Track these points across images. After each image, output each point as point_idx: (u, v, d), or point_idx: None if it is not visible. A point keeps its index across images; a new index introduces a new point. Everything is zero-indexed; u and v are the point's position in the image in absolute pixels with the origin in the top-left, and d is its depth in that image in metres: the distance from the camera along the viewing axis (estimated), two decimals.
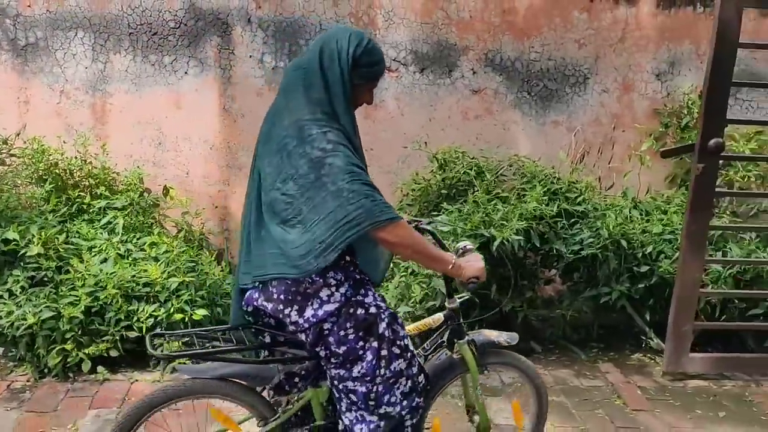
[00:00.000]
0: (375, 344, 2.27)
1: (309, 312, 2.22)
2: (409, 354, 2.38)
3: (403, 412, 2.38)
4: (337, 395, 2.37)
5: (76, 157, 4.30)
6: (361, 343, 2.26)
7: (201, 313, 3.86)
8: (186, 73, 4.42)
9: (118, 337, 3.75)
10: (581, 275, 4.23)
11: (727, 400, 3.88)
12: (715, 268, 4.14)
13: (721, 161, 4.37)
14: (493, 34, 4.51)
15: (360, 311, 2.26)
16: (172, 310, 3.81)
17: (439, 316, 2.62)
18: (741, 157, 4.58)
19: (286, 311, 2.23)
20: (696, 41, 4.61)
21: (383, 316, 2.30)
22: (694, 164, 3.80)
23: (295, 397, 2.45)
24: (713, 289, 4.09)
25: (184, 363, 2.55)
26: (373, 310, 2.29)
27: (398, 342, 2.34)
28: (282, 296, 2.22)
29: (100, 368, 3.77)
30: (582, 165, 4.63)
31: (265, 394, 2.50)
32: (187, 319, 3.83)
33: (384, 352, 2.29)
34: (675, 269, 3.97)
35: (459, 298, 2.61)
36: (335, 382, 2.34)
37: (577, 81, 4.66)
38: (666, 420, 3.61)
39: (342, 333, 2.24)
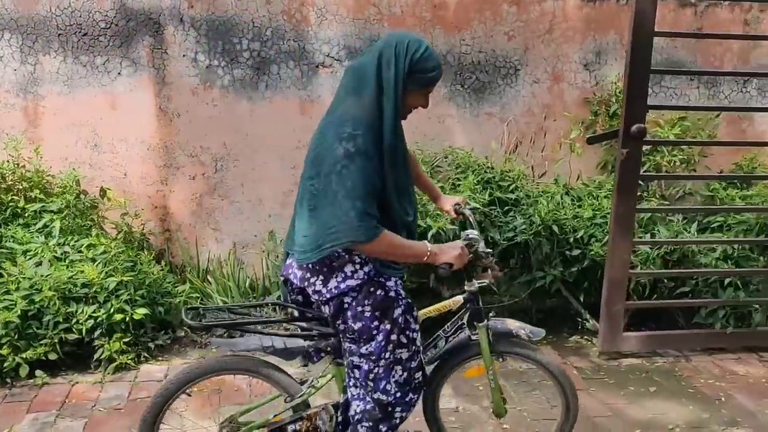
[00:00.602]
0: (387, 327, 2.41)
1: (333, 283, 2.37)
2: (414, 347, 2.50)
3: (393, 401, 2.49)
4: (346, 369, 2.52)
5: (8, 161, 4.24)
6: (375, 323, 2.40)
7: (141, 312, 3.87)
8: (119, 73, 4.40)
9: (57, 340, 3.73)
10: (516, 261, 4.36)
11: (658, 376, 4.04)
12: (644, 249, 4.29)
13: (646, 146, 4.55)
14: (425, 28, 4.59)
15: (380, 292, 2.40)
16: (112, 310, 3.80)
17: (459, 299, 2.70)
18: (663, 141, 4.76)
19: (312, 280, 2.39)
20: (620, 32, 4.77)
21: (400, 303, 2.44)
22: (618, 149, 3.95)
23: (320, 375, 2.59)
24: (643, 270, 4.25)
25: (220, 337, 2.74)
26: (392, 294, 2.42)
27: (407, 332, 2.46)
28: (309, 265, 2.38)
29: (38, 372, 3.74)
30: (515, 154, 4.75)
31: (292, 372, 2.66)
32: (127, 318, 3.83)
33: (393, 337, 2.42)
34: (605, 252, 4.11)
35: (479, 282, 2.68)
36: (346, 355, 2.49)
37: (508, 73, 4.77)
38: (600, 397, 3.75)
39: (360, 309, 2.38)
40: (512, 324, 2.75)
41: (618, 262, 4.06)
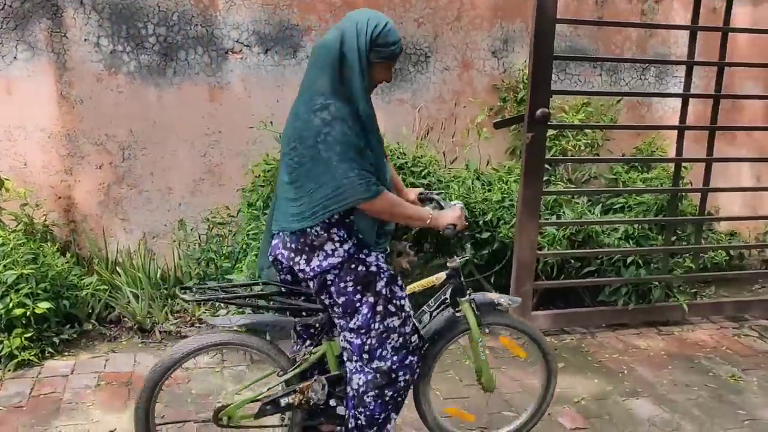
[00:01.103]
0: (371, 299, 2.51)
1: (315, 262, 2.47)
2: (404, 314, 2.60)
3: (394, 367, 2.58)
4: (341, 345, 2.61)
5: None
6: (358, 296, 2.50)
7: (44, 306, 3.73)
8: (15, 57, 4.20)
9: None
10: (430, 245, 4.42)
11: (566, 352, 4.19)
12: (551, 230, 4.44)
13: (551, 131, 4.71)
14: (335, 14, 4.58)
15: (361, 268, 2.49)
16: (11, 305, 3.65)
17: (442, 275, 2.80)
18: (567, 125, 4.93)
19: (296, 259, 2.50)
20: (526, 20, 4.89)
21: (382, 276, 2.53)
22: (524, 134, 4.06)
23: (312, 349, 2.67)
24: (550, 251, 4.39)
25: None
26: (373, 269, 2.52)
27: (394, 301, 2.56)
28: (293, 245, 2.50)
29: None
30: (427, 140, 4.81)
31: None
32: (29, 313, 3.68)
33: (379, 308, 2.52)
34: (514, 234, 4.23)
35: (459, 258, 2.82)
36: (338, 331, 2.60)
37: (419, 60, 4.83)
38: (511, 375, 3.85)
39: (342, 285, 2.48)
40: (492, 295, 2.90)
41: (526, 244, 4.18)
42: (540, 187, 4.16)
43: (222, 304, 3.93)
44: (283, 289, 2.65)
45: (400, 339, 2.59)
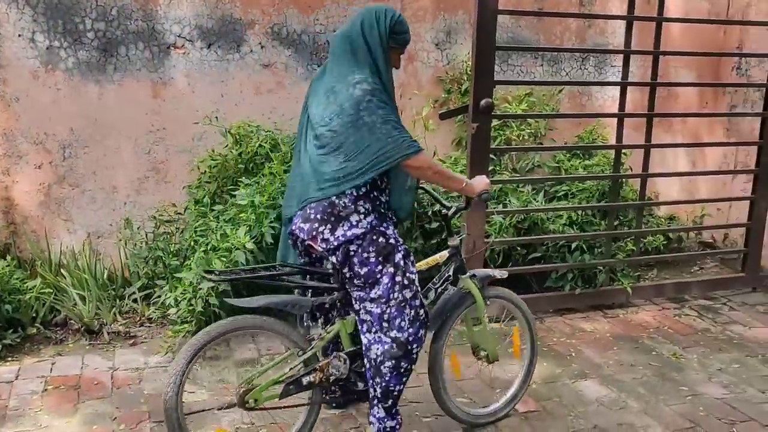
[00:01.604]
0: (391, 270, 2.69)
1: (339, 231, 2.64)
2: (414, 287, 2.78)
3: (410, 339, 2.75)
4: (359, 318, 2.77)
5: None
6: (379, 267, 2.67)
7: None
8: None
9: None
10: None
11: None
12: (497, 219, 4.51)
13: (495, 121, 4.78)
14: (278, 8, 4.56)
15: (381, 239, 2.68)
16: None
17: (444, 253, 3.08)
18: (510, 115, 5.02)
19: (321, 229, 2.65)
20: (468, 11, 4.94)
21: (399, 248, 2.74)
22: (469, 124, 4.11)
23: (327, 329, 2.83)
24: (497, 239, 4.47)
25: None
26: (392, 240, 2.72)
27: (407, 274, 2.75)
28: (319, 216, 2.65)
29: None
30: None
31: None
32: None
33: (398, 278, 2.71)
34: (461, 222, 4.29)
35: (459, 237, 3.12)
36: (357, 304, 2.74)
37: None
38: (464, 361, 3.86)
39: (365, 255, 2.65)
40: (488, 271, 3.21)
41: (474, 232, 4.24)
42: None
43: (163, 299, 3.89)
44: (300, 270, 2.79)
45: (412, 311, 2.77)
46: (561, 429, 3.26)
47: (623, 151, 4.83)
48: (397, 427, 2.88)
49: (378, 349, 2.74)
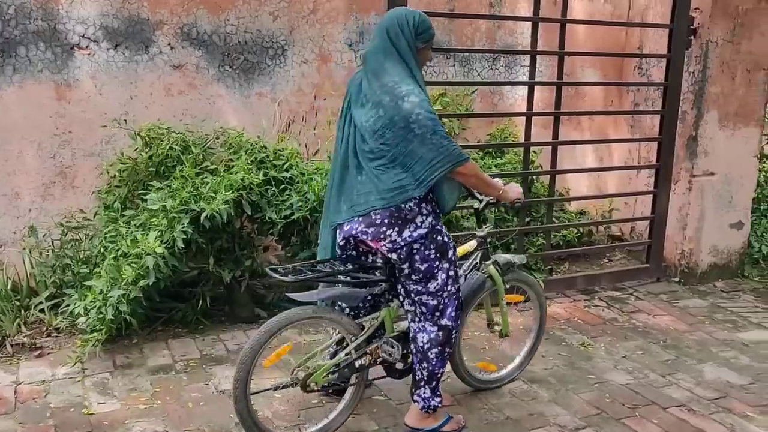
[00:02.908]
0: (446, 265, 2.97)
1: (406, 233, 2.86)
2: (458, 279, 3.09)
3: (453, 324, 3.04)
4: (411, 308, 3.03)
5: None
6: (437, 263, 2.93)
7: None
8: None
9: None
10: (297, 238, 4.43)
11: None
12: None
13: None
14: (187, 8, 4.48)
15: (439, 237, 2.94)
16: None
17: (473, 243, 3.39)
18: None
19: (388, 232, 2.85)
20: (380, 12, 4.97)
21: (451, 245, 3.02)
22: None
23: (375, 315, 3.09)
24: None
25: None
26: (446, 239, 2.99)
27: (455, 268, 3.04)
28: (386, 220, 2.84)
29: None
30: (289, 133, 4.81)
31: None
32: None
33: (451, 273, 3.00)
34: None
35: (486, 227, 3.42)
36: (412, 296, 2.99)
37: (276, 53, 4.81)
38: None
39: (426, 252, 2.90)
40: (508, 256, 3.48)
41: None
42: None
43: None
44: (352, 266, 3.05)
45: (457, 301, 3.06)
46: (475, 421, 3.33)
47: (533, 148, 4.97)
48: (440, 403, 3.15)
49: (424, 337, 3.02)
